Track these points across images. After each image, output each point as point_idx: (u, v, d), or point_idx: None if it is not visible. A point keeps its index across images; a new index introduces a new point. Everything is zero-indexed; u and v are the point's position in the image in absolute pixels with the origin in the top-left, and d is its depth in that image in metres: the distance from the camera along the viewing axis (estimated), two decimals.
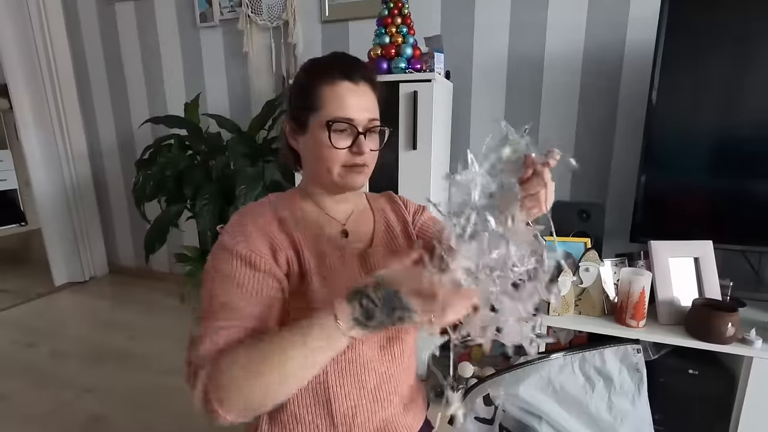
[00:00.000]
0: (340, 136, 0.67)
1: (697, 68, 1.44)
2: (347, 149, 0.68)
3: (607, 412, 0.76)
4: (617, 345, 0.82)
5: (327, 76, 0.67)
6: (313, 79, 0.68)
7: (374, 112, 0.70)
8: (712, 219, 1.50)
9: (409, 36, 1.68)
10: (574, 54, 1.83)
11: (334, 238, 0.73)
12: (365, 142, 0.69)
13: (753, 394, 1.20)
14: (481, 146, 0.55)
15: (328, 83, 0.67)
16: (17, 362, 2.00)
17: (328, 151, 0.68)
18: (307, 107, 0.68)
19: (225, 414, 0.54)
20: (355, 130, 0.68)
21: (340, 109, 0.66)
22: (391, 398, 0.74)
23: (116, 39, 2.71)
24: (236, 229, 0.66)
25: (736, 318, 1.19)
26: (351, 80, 0.67)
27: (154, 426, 1.56)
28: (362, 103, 0.68)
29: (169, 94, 2.67)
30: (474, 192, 0.50)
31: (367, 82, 0.69)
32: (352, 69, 0.68)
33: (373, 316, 0.53)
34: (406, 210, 0.86)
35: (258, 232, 0.66)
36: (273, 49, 2.33)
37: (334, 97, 0.67)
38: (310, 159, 0.73)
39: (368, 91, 0.70)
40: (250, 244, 0.64)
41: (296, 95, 0.72)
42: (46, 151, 2.77)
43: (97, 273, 3.07)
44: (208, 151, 2.20)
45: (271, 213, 0.70)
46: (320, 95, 0.67)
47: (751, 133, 1.41)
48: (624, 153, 1.83)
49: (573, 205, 1.62)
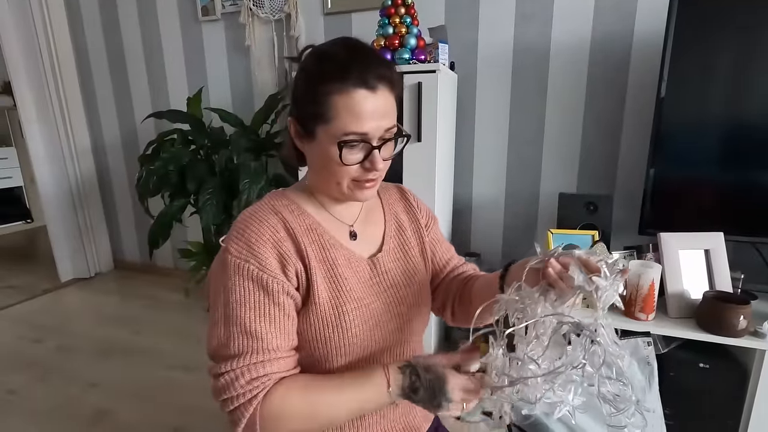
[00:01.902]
0: (351, 151, 0.61)
1: (707, 58, 1.41)
2: (359, 165, 0.62)
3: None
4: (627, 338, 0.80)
5: (339, 83, 0.58)
6: (323, 83, 0.59)
7: (392, 116, 0.62)
8: (722, 211, 1.47)
9: (413, 26, 1.66)
10: (581, 44, 1.80)
11: (342, 245, 0.69)
12: (379, 156, 0.62)
13: (765, 388, 1.18)
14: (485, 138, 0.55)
15: (340, 92, 0.58)
16: (24, 357, 2.01)
17: (338, 168, 0.62)
18: (316, 116, 0.61)
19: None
20: (369, 144, 0.61)
21: (353, 123, 0.59)
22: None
23: (118, 34, 2.70)
24: (242, 244, 0.61)
25: (748, 311, 1.17)
26: (368, 87, 0.59)
27: (159, 420, 1.56)
28: (379, 111, 0.60)
29: (172, 89, 2.66)
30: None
31: (385, 84, 0.60)
32: (368, 72, 0.59)
33: (417, 392, 0.58)
34: (419, 211, 0.82)
35: (265, 246, 0.61)
36: (275, 43, 2.31)
37: (348, 109, 0.58)
38: (318, 168, 0.67)
39: (386, 93, 0.61)
40: (261, 263, 0.60)
41: (303, 98, 0.63)
42: (50, 147, 2.78)
43: (102, 269, 3.08)
44: (211, 145, 2.20)
45: (276, 220, 0.65)
46: (331, 105, 0.59)
47: (762, 124, 1.38)
48: (632, 144, 1.80)
49: (580, 197, 1.60)
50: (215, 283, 0.64)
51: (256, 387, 0.58)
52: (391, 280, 0.72)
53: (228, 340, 0.59)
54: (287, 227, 0.65)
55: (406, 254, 0.77)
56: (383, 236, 0.76)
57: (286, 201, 0.69)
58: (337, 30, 2.17)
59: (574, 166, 1.91)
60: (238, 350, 0.59)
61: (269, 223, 0.64)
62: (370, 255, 0.73)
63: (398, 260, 0.75)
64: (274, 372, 0.60)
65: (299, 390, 0.60)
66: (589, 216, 1.55)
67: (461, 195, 2.11)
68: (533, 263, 0.60)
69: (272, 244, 0.62)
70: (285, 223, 0.65)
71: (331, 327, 0.64)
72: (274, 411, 0.58)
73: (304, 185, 0.72)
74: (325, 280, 0.65)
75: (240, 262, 0.60)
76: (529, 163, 1.98)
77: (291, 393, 0.59)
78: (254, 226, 0.63)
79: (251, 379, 0.58)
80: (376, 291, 0.70)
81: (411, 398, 0.59)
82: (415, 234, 0.80)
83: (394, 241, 0.77)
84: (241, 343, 0.59)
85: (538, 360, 0.54)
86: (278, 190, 0.72)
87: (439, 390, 0.57)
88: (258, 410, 0.57)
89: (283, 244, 0.63)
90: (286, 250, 0.63)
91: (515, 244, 2.08)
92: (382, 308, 0.70)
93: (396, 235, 0.77)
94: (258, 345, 0.59)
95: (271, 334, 0.60)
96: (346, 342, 0.65)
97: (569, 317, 0.55)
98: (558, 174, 1.94)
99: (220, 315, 0.61)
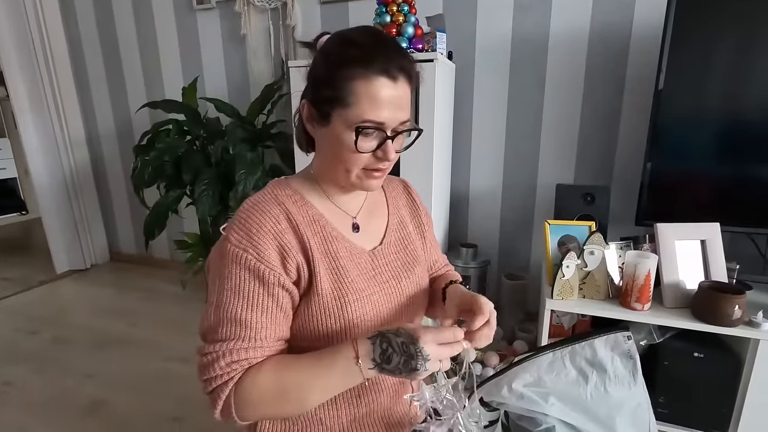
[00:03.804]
0: (366, 139, 0.61)
1: (705, 50, 1.40)
2: (371, 153, 0.63)
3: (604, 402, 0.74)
4: (606, 334, 0.80)
5: (362, 69, 0.58)
6: (345, 68, 0.59)
7: (407, 109, 0.63)
8: (718, 202, 1.48)
9: (411, 15, 1.64)
10: (579, 35, 1.78)
11: (344, 237, 0.69)
12: (392, 146, 0.63)
13: (759, 377, 1.19)
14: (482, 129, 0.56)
15: (362, 78, 0.58)
16: (20, 349, 2.00)
17: (350, 154, 0.62)
18: (334, 100, 0.60)
19: (243, 423, 0.61)
20: (384, 134, 0.61)
21: (372, 111, 0.59)
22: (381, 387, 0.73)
23: (112, 23, 2.66)
24: (242, 234, 0.61)
25: (743, 300, 1.18)
26: (389, 76, 0.59)
27: (155, 411, 1.56)
28: (397, 102, 0.60)
29: (167, 79, 2.63)
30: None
31: (405, 76, 0.61)
32: (392, 62, 0.59)
33: (390, 360, 0.56)
34: (421, 209, 0.85)
35: (265, 237, 0.61)
36: (271, 32, 2.28)
37: (368, 96, 0.59)
38: (328, 154, 0.67)
39: (405, 85, 0.62)
40: (260, 253, 0.60)
41: (322, 81, 0.62)
42: (44, 138, 2.74)
43: (98, 260, 3.07)
44: (207, 135, 2.18)
45: (279, 210, 0.64)
46: (352, 90, 0.59)
47: (759, 116, 1.38)
48: (629, 135, 1.79)
49: (577, 188, 1.59)
50: (213, 269, 0.65)
51: (234, 369, 0.59)
52: (392, 272, 0.73)
53: (217, 325, 0.60)
54: (290, 219, 0.64)
55: (407, 247, 0.77)
56: (386, 229, 0.76)
57: (290, 191, 0.68)
58: (334, 19, 2.15)
59: (572, 157, 1.91)
60: (225, 335, 0.60)
61: (271, 214, 0.63)
62: (372, 247, 0.73)
63: (399, 253, 0.76)
64: (256, 358, 0.60)
65: (268, 370, 0.60)
66: (586, 207, 1.55)
67: (458, 186, 2.10)
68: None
69: (273, 235, 0.62)
70: (288, 214, 0.65)
71: (333, 317, 0.65)
72: (245, 393, 0.58)
73: (309, 173, 0.72)
74: (327, 272, 0.65)
75: (238, 251, 0.60)
76: (526, 155, 1.98)
77: (261, 373, 0.59)
78: (256, 217, 0.62)
79: (231, 361, 0.58)
80: (377, 282, 0.70)
81: (384, 369, 0.56)
82: (417, 229, 0.81)
83: (396, 234, 0.77)
84: (229, 329, 0.60)
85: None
86: (281, 179, 0.72)
87: (414, 349, 0.54)
88: (232, 393, 0.58)
89: (284, 236, 0.62)
90: (287, 242, 0.62)
91: (512, 236, 2.08)
92: (383, 300, 0.70)
93: (398, 228, 0.78)
94: (245, 333, 0.60)
95: (260, 324, 0.60)
96: (348, 333, 0.65)
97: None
98: (555, 165, 1.94)
99: (215, 300, 0.62)
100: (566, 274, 1.33)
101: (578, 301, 1.36)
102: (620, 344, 0.79)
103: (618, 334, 0.80)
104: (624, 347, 0.79)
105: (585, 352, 0.78)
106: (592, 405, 0.74)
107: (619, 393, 0.75)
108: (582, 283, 1.37)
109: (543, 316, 1.39)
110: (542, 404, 0.72)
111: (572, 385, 0.75)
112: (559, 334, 1.50)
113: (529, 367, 0.78)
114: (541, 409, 0.72)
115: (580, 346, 0.79)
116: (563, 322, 1.52)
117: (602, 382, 0.75)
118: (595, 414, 0.73)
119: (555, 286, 1.34)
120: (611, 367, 0.77)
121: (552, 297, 1.35)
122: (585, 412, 0.73)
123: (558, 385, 0.75)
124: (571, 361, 0.78)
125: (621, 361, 0.78)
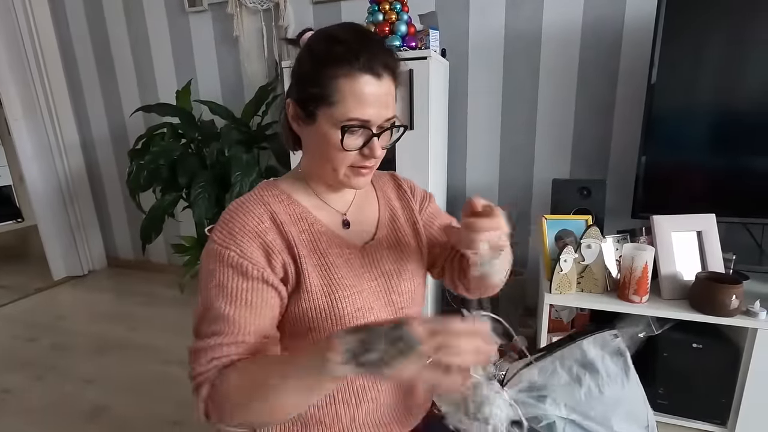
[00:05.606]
0: (351, 137, 0.61)
1: (697, 43, 1.41)
2: (358, 151, 0.63)
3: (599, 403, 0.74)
4: (593, 335, 0.80)
5: (346, 66, 0.58)
6: (330, 66, 0.59)
7: (392, 106, 0.63)
8: (713, 193, 1.48)
9: (403, 13, 1.64)
10: (572, 28, 1.79)
11: (334, 233, 0.69)
12: (378, 144, 0.63)
13: (757, 366, 1.20)
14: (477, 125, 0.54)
15: (346, 76, 0.58)
16: (18, 357, 1.99)
17: (336, 153, 0.62)
18: (319, 98, 0.60)
19: (226, 427, 0.58)
20: (369, 131, 0.61)
21: (357, 109, 0.59)
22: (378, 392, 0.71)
23: (104, 26, 2.65)
24: (225, 233, 0.62)
25: (740, 290, 1.18)
26: (373, 74, 0.59)
27: (155, 415, 1.56)
28: (382, 100, 0.61)
29: (160, 82, 2.62)
30: None
31: (389, 73, 0.61)
32: (376, 59, 0.59)
33: (371, 347, 0.46)
34: (413, 197, 0.82)
35: (249, 236, 0.61)
36: (264, 33, 2.28)
37: (353, 94, 0.59)
38: (315, 153, 0.67)
39: (389, 83, 0.62)
40: (242, 251, 0.60)
41: (307, 79, 0.62)
42: (38, 144, 2.73)
43: (95, 266, 3.06)
44: (202, 138, 2.17)
45: (263, 210, 0.64)
46: (336, 88, 0.59)
47: (751, 108, 1.38)
48: (624, 128, 1.80)
49: (573, 182, 1.60)
50: (201, 269, 0.65)
51: (215, 366, 0.58)
52: (383, 268, 0.72)
53: (200, 323, 0.61)
54: (274, 218, 0.65)
55: (399, 242, 0.76)
56: (377, 224, 0.75)
57: (277, 191, 0.69)
58: (326, 19, 2.15)
59: (567, 151, 1.91)
60: (207, 332, 0.60)
61: (255, 213, 0.63)
62: (363, 243, 0.72)
63: (390, 248, 0.75)
64: (238, 353, 0.59)
65: (242, 367, 0.57)
66: (582, 201, 1.56)
67: (455, 183, 2.10)
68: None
69: (256, 234, 0.62)
70: (272, 213, 0.65)
71: (324, 314, 0.64)
72: (221, 391, 0.56)
73: (297, 173, 0.72)
74: (316, 269, 0.65)
75: (221, 249, 0.61)
76: (522, 150, 1.98)
77: (234, 370, 0.57)
78: (239, 217, 0.63)
79: (212, 358, 0.58)
80: (367, 279, 0.69)
81: (362, 363, 0.46)
82: (408, 221, 0.79)
83: (387, 229, 0.76)
84: (211, 325, 0.60)
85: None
86: (269, 180, 0.72)
87: (400, 332, 0.46)
88: (210, 391, 0.57)
89: (267, 235, 0.62)
90: (271, 240, 0.63)
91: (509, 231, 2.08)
92: (374, 296, 0.69)
93: (389, 223, 0.77)
94: (227, 328, 0.59)
95: (243, 319, 0.60)
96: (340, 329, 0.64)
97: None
98: (551, 160, 1.94)
99: (199, 299, 0.62)
100: (564, 268, 1.34)
101: (577, 295, 1.37)
102: (608, 343, 0.78)
103: (605, 333, 0.80)
104: (613, 345, 0.78)
105: (575, 355, 0.78)
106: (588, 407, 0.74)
107: (613, 391, 0.75)
108: (580, 277, 1.37)
109: (542, 311, 1.39)
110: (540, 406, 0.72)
111: (566, 388, 0.75)
112: (559, 329, 1.50)
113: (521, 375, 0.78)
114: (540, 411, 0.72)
115: (568, 350, 0.78)
116: (562, 316, 1.52)
117: (596, 384, 0.75)
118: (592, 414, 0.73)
119: (553, 280, 1.35)
120: (603, 367, 0.76)
121: (550, 291, 1.36)
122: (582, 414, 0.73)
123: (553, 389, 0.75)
124: (562, 366, 0.77)
125: (612, 359, 0.77)
